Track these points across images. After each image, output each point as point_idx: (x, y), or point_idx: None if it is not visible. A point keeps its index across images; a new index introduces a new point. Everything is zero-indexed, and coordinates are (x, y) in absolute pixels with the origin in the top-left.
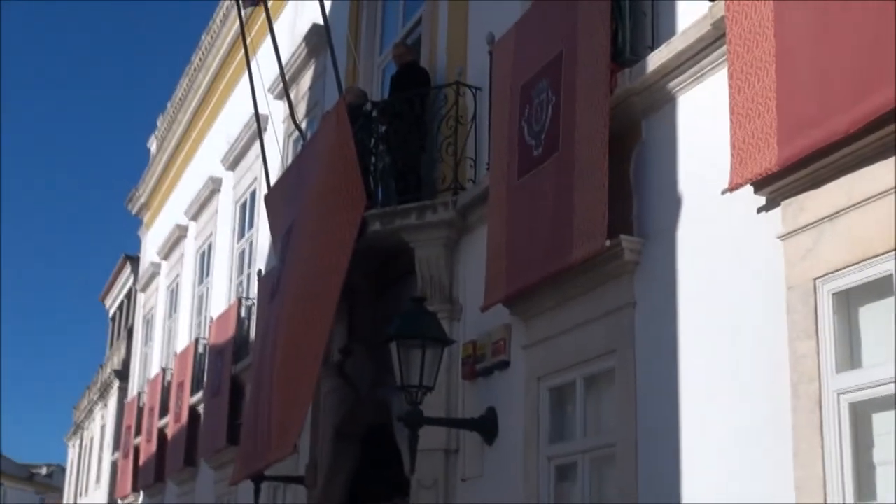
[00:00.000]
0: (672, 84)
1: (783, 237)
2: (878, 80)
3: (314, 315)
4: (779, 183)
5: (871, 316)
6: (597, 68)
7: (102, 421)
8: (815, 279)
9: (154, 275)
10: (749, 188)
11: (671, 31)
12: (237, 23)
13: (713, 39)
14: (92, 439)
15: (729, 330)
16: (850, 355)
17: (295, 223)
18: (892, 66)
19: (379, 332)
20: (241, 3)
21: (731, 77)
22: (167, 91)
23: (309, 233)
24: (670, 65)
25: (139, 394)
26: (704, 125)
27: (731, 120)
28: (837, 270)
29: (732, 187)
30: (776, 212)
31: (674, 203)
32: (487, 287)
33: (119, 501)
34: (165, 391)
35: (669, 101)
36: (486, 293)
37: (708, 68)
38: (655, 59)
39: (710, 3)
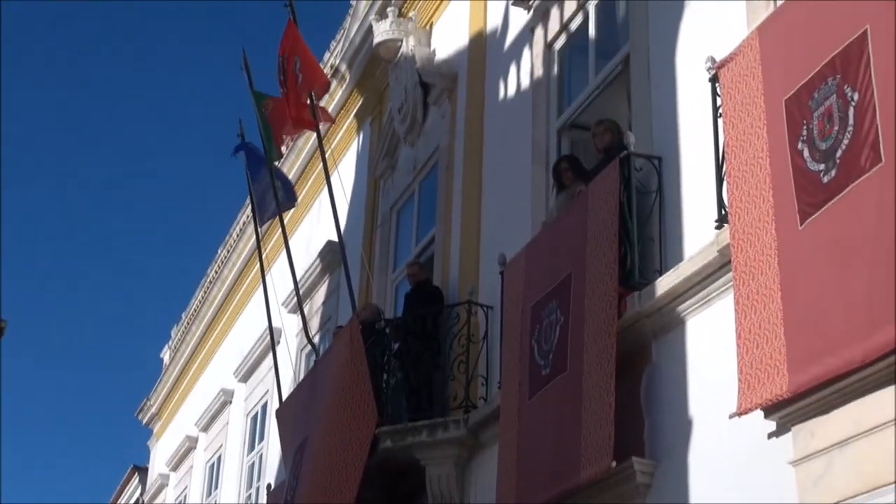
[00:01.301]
0: (681, 308)
1: (795, 463)
2: (886, 312)
3: None
4: (789, 408)
5: None
6: (605, 291)
7: None
8: None
9: (162, 486)
10: (759, 412)
11: (679, 257)
12: (253, 237)
13: (720, 265)
14: None
15: None
16: None
17: (307, 439)
18: None
19: None
20: (257, 218)
21: (737, 303)
22: (182, 302)
23: (321, 448)
24: (679, 289)
25: None
26: (714, 348)
27: (738, 345)
28: (848, 499)
29: (741, 412)
30: (787, 437)
31: (685, 425)
32: None
33: None
34: None
35: (679, 325)
36: None
37: (716, 293)
38: (664, 283)
39: (717, 231)
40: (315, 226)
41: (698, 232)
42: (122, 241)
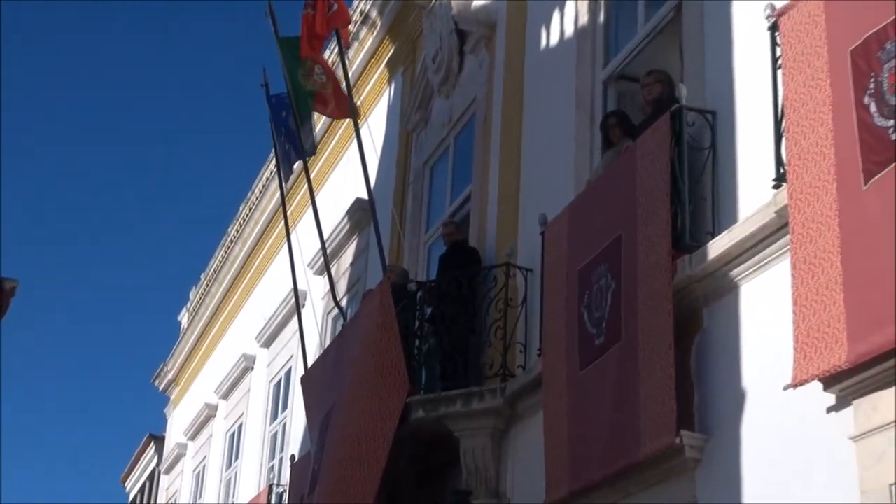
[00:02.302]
0: (734, 272)
1: (855, 439)
2: None
3: None
4: (850, 381)
5: None
6: (658, 255)
7: None
8: (890, 485)
9: (179, 456)
10: (818, 384)
11: (733, 218)
12: (277, 194)
13: (777, 227)
14: None
15: None
16: None
17: (334, 408)
18: None
19: None
20: (282, 174)
21: (794, 267)
22: (201, 263)
23: (348, 418)
24: (732, 252)
25: None
26: (769, 315)
27: (794, 312)
28: None
29: (796, 383)
30: (847, 411)
31: (738, 397)
32: (548, 483)
33: None
34: None
35: (732, 290)
36: (547, 489)
37: (772, 257)
38: (717, 246)
39: (774, 191)
40: (343, 182)
41: (754, 191)
42: (139, 197)
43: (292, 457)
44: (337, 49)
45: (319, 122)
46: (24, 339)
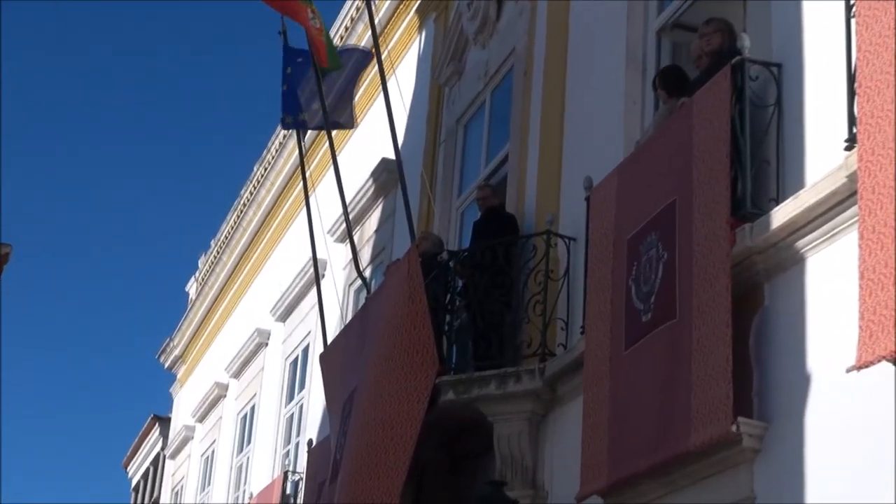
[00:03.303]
0: (800, 243)
1: None
2: None
3: (379, 495)
4: None
5: None
6: (716, 223)
7: None
8: None
9: (187, 439)
10: (888, 366)
11: (799, 183)
12: (295, 153)
13: (849, 193)
14: None
15: None
16: None
17: (357, 389)
18: None
19: None
20: (301, 131)
21: (861, 237)
22: (211, 228)
23: (372, 401)
24: (799, 221)
25: None
26: (838, 291)
27: (860, 286)
28: None
29: (860, 365)
30: None
31: (802, 381)
32: (584, 473)
33: None
34: None
35: (797, 263)
36: (582, 480)
37: (842, 226)
38: (781, 214)
39: (846, 153)
40: (368, 141)
41: (823, 154)
42: (144, 155)
43: (310, 441)
44: None
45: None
46: (16, 308)
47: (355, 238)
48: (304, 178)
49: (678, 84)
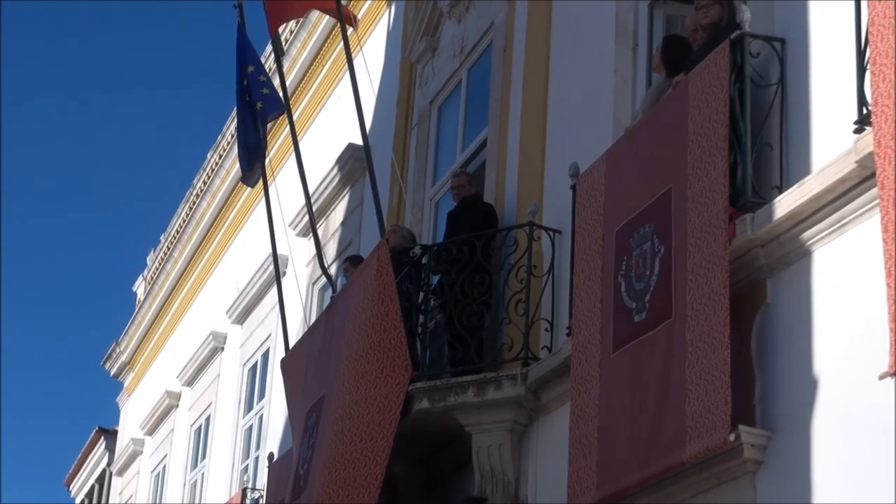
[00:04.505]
0: (806, 235)
1: None
2: None
3: None
4: None
5: None
6: (713, 213)
7: None
8: None
9: (135, 454)
10: None
11: (805, 169)
12: None
13: (859, 180)
14: None
15: None
16: None
17: (323, 398)
18: None
19: None
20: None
21: (885, 229)
22: (161, 221)
23: (339, 411)
24: (804, 210)
25: None
26: (848, 287)
27: (887, 284)
28: None
29: (894, 371)
30: None
31: (808, 386)
32: (571, 488)
33: None
34: None
35: (803, 256)
36: (569, 496)
37: (852, 216)
38: (785, 203)
39: (856, 136)
40: (332, 124)
41: (831, 137)
42: (84, 141)
43: (270, 456)
44: None
45: (304, 51)
46: None
47: (319, 232)
48: (262, 166)
49: (681, 59)
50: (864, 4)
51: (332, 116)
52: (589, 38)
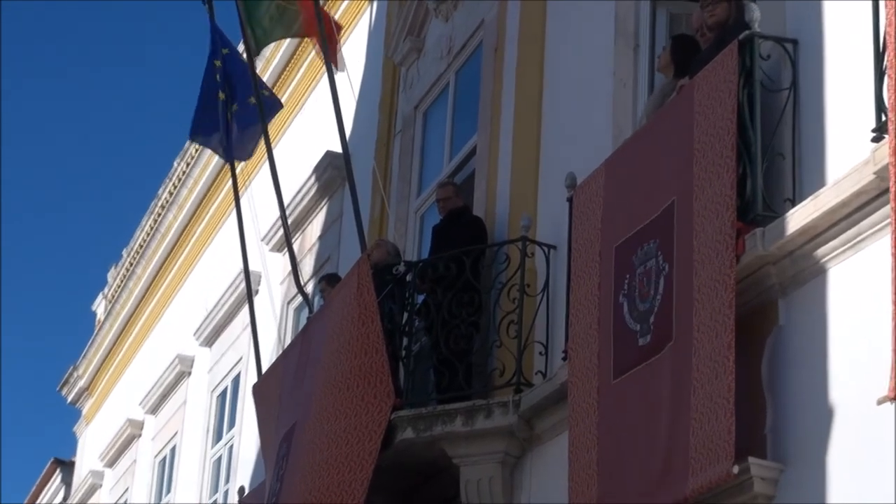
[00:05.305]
0: (821, 251)
1: None
2: None
3: None
4: None
5: None
6: (718, 227)
7: None
8: None
9: (94, 487)
10: None
11: (819, 180)
12: None
13: (878, 192)
14: None
15: None
16: None
17: (297, 426)
18: None
19: None
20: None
21: (895, 244)
22: (123, 235)
23: (315, 440)
24: (819, 225)
25: None
26: (867, 307)
27: (893, 302)
28: None
29: (893, 397)
30: None
31: (823, 414)
32: None
33: None
34: None
35: (817, 275)
36: None
37: (871, 230)
38: (798, 217)
39: (874, 144)
40: (310, 131)
41: (848, 146)
42: (43, 146)
43: (241, 489)
44: None
45: (278, 52)
46: None
47: (295, 246)
48: (233, 176)
49: (690, 60)
50: (881, 4)
51: (309, 122)
52: (587, 37)
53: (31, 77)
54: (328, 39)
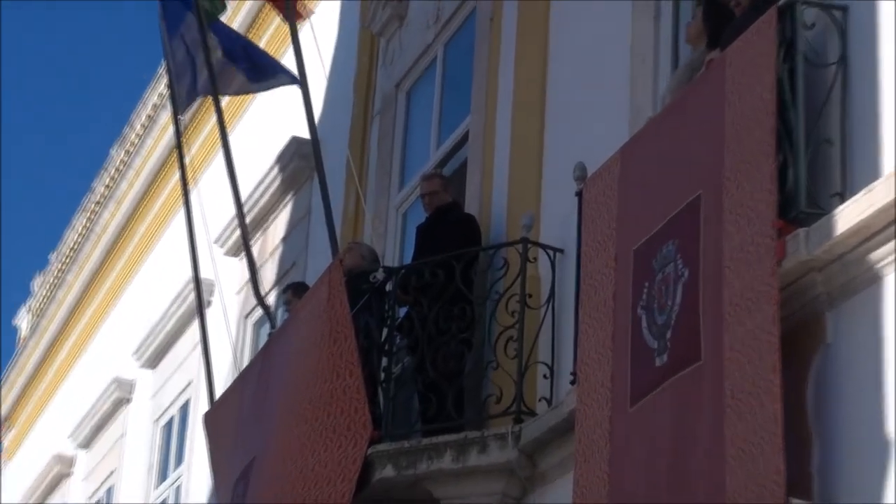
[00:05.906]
0: (875, 255)
1: None
2: None
3: None
4: None
5: None
6: (756, 229)
7: None
8: None
9: None
10: None
11: (873, 172)
12: (170, 131)
13: None
14: None
15: None
16: None
17: (255, 462)
18: None
19: None
20: (177, 102)
21: None
22: (51, 237)
23: (278, 477)
24: (872, 224)
25: None
26: None
27: None
28: None
29: None
30: None
31: (879, 448)
32: None
33: None
34: None
35: (871, 283)
36: None
37: None
38: (849, 215)
39: None
40: (272, 113)
41: None
42: None
43: None
44: None
45: (236, 17)
46: None
47: (254, 250)
48: (181, 167)
49: (722, 30)
50: None
51: (271, 103)
52: (599, 4)
53: None
54: None
